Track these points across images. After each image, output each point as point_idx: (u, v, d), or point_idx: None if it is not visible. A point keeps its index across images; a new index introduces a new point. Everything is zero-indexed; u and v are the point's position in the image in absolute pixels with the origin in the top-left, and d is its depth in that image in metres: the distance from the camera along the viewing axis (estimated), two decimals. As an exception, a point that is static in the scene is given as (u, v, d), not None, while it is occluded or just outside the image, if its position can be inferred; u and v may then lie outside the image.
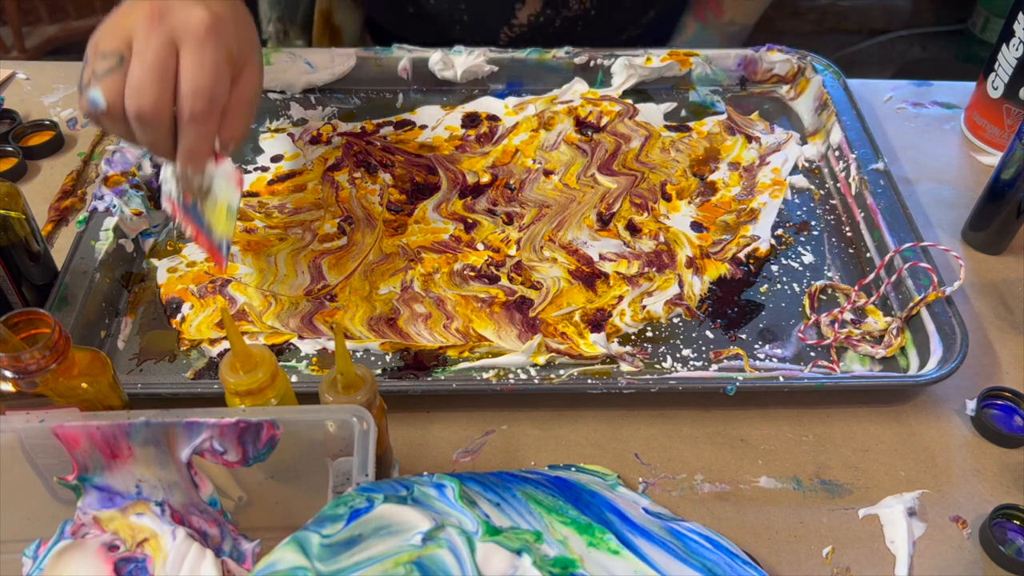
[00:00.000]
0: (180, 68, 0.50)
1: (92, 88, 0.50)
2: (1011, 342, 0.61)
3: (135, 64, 0.49)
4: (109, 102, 0.50)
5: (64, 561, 0.42)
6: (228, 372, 0.43)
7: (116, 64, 0.50)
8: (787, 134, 0.77)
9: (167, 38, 0.50)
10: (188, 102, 0.50)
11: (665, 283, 0.63)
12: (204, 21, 0.50)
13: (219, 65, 0.51)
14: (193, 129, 0.51)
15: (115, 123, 0.51)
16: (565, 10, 0.84)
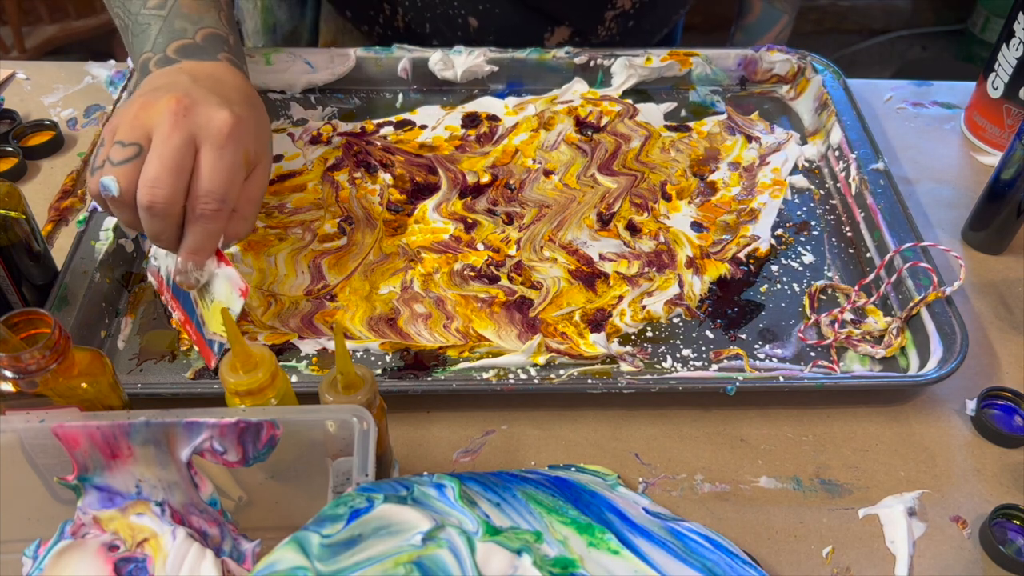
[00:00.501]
0: (197, 166, 0.51)
1: (107, 174, 0.50)
2: (1011, 342, 0.61)
3: (153, 157, 0.50)
4: (123, 189, 0.50)
5: (64, 561, 0.42)
6: (228, 372, 0.43)
7: (134, 155, 0.50)
8: (787, 134, 0.77)
9: (188, 135, 0.50)
10: (201, 201, 0.50)
11: (665, 283, 0.63)
12: (227, 123, 0.51)
13: (235, 168, 0.52)
14: (201, 227, 0.51)
15: (123, 210, 0.51)
16: (594, 37, 0.85)
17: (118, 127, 0.51)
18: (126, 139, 0.51)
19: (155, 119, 0.51)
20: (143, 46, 0.59)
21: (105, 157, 0.51)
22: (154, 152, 0.50)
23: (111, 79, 0.81)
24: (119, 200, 0.51)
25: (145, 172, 0.50)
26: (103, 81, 0.82)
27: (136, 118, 0.51)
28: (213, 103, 0.52)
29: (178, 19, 0.59)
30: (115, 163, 0.50)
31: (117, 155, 0.50)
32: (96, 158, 0.52)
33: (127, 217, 0.52)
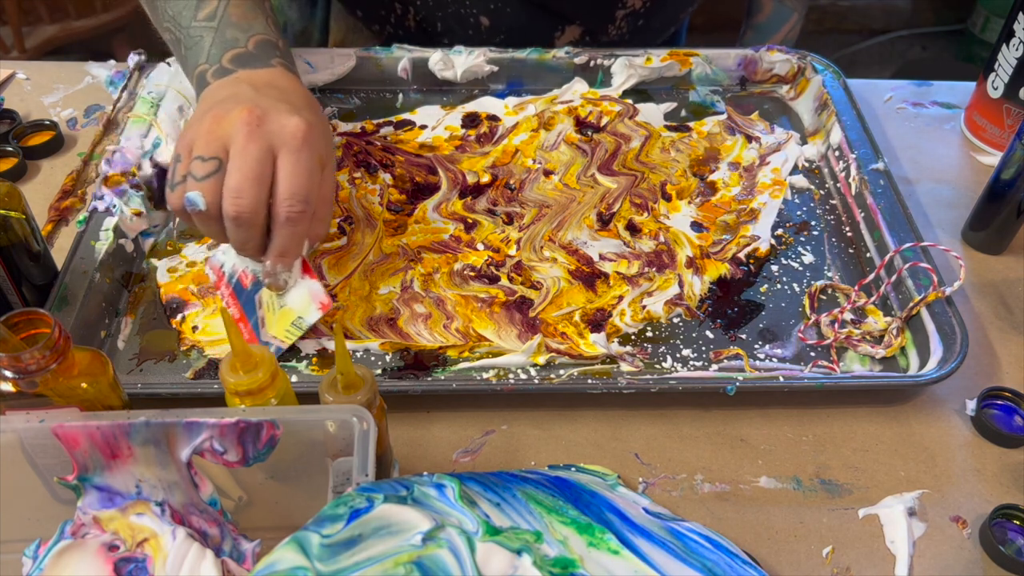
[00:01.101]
0: (277, 173, 0.52)
1: (191, 189, 0.52)
2: (1011, 342, 0.61)
3: (234, 169, 0.51)
4: (208, 203, 0.52)
5: (64, 561, 0.42)
6: (228, 372, 0.43)
7: (215, 169, 0.52)
8: (787, 134, 0.77)
9: (266, 144, 0.52)
10: (285, 205, 0.52)
11: (665, 283, 0.63)
12: (300, 128, 0.53)
13: (313, 170, 0.53)
14: (288, 230, 0.53)
15: (208, 222, 0.53)
16: (604, 36, 0.85)
17: (194, 142, 0.53)
18: (205, 153, 0.52)
19: (230, 131, 0.52)
20: (198, 58, 0.61)
21: (184, 172, 0.53)
22: (234, 164, 0.52)
23: (111, 79, 0.81)
24: (205, 214, 0.52)
25: (228, 184, 0.51)
26: (103, 81, 0.82)
27: (211, 132, 0.52)
28: (283, 111, 0.53)
29: (229, 29, 0.60)
30: (198, 178, 0.52)
31: (199, 170, 0.52)
32: (174, 174, 0.54)
33: (213, 229, 0.54)
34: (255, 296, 0.58)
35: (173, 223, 0.67)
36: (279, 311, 0.57)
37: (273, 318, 0.57)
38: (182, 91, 0.75)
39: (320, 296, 0.56)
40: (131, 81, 0.79)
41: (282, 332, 0.57)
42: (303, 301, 0.56)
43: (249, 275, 0.58)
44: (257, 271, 0.58)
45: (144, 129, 0.71)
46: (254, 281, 0.58)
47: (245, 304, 0.59)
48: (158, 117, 0.72)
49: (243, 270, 0.59)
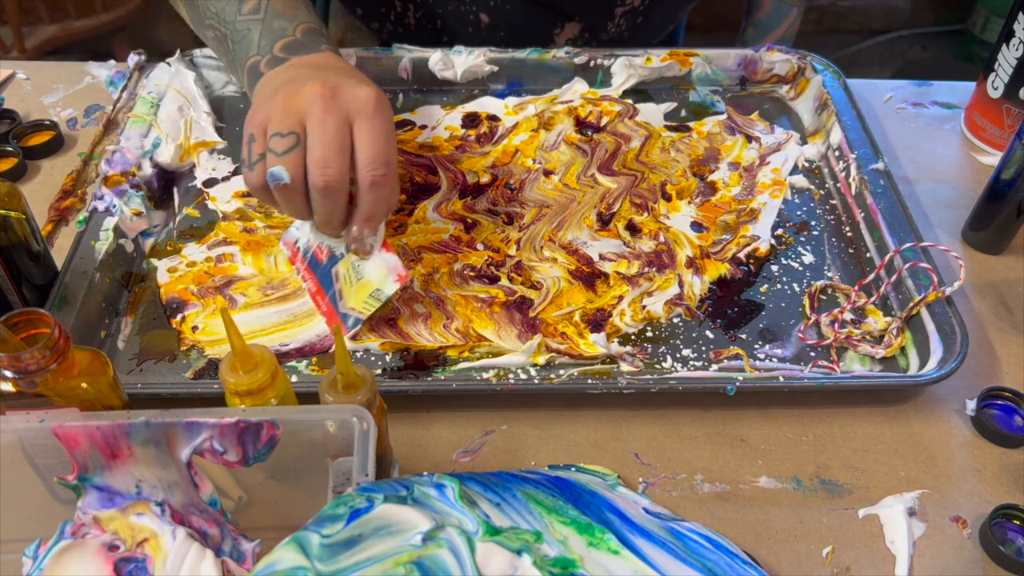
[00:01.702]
0: (356, 141, 0.53)
1: (273, 165, 0.53)
2: (1011, 342, 0.61)
3: (315, 141, 0.52)
4: (293, 176, 0.53)
5: (64, 561, 0.42)
6: (228, 372, 0.43)
7: (294, 143, 0.53)
8: (787, 134, 0.77)
9: (342, 114, 0.53)
10: (369, 169, 0.53)
11: (665, 283, 0.63)
12: (372, 97, 0.54)
13: (389, 135, 0.54)
14: (373, 194, 0.54)
15: (292, 196, 0.54)
16: (603, 34, 0.86)
17: (268, 119, 0.54)
18: (283, 129, 0.53)
19: (305, 106, 0.53)
20: (248, 51, 0.62)
21: (261, 150, 0.54)
22: (314, 136, 0.52)
23: (111, 79, 0.81)
24: (290, 187, 0.53)
25: (313, 156, 0.52)
26: (103, 81, 0.82)
27: (286, 109, 0.53)
28: (352, 83, 0.55)
29: (276, 20, 0.62)
30: (279, 153, 0.53)
31: (278, 145, 0.53)
32: (250, 154, 0.54)
33: (296, 203, 0.54)
34: (331, 270, 0.60)
35: (173, 223, 0.67)
36: (356, 284, 0.58)
37: (351, 291, 0.59)
38: (182, 91, 0.76)
39: (397, 268, 0.57)
40: (131, 81, 0.79)
41: (360, 304, 0.58)
42: (380, 274, 0.58)
43: (324, 249, 0.60)
44: (333, 245, 0.59)
45: (144, 129, 0.71)
46: (329, 255, 0.60)
47: (322, 278, 0.60)
48: (158, 117, 0.72)
49: (318, 245, 0.60)
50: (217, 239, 0.65)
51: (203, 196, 0.69)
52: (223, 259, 0.64)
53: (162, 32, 2.09)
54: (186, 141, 0.73)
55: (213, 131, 0.75)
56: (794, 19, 0.94)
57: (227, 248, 0.65)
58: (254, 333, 0.59)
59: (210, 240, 0.65)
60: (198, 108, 0.75)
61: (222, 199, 0.69)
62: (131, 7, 1.80)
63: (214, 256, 0.64)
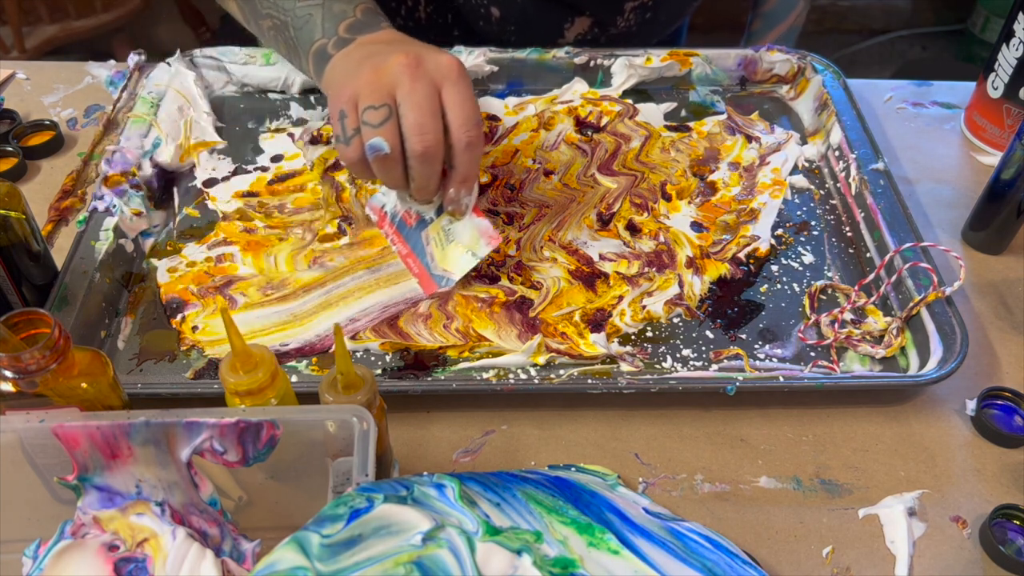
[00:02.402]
0: (446, 105, 0.55)
1: (370, 137, 0.55)
2: (1011, 342, 0.61)
3: (409, 109, 0.54)
4: (392, 146, 0.54)
5: (64, 561, 0.42)
6: (228, 372, 0.43)
7: (388, 114, 0.54)
8: (787, 134, 0.77)
9: (429, 81, 0.55)
10: (463, 131, 0.55)
11: (665, 283, 0.63)
12: (455, 62, 0.56)
13: (474, 98, 0.56)
14: (468, 154, 0.56)
15: (391, 166, 0.56)
16: (612, 28, 0.86)
17: (358, 94, 0.55)
18: (375, 102, 0.55)
19: (393, 78, 0.55)
20: (312, 35, 0.63)
21: (356, 125, 0.56)
22: (407, 105, 0.54)
23: (111, 79, 0.81)
24: (389, 157, 0.55)
25: (408, 124, 0.54)
26: (103, 81, 0.82)
27: (374, 82, 0.55)
28: (432, 51, 0.56)
29: (335, 3, 0.63)
30: (375, 125, 0.54)
31: (373, 118, 0.55)
32: (344, 129, 0.56)
33: (394, 173, 0.56)
34: (421, 234, 0.62)
35: (173, 223, 0.67)
36: (448, 247, 0.61)
37: (443, 253, 0.61)
38: (182, 91, 0.76)
39: (489, 232, 0.60)
40: (131, 81, 0.79)
41: (452, 266, 0.61)
42: (472, 237, 0.60)
43: (413, 215, 0.63)
44: (422, 211, 0.62)
45: (144, 129, 0.71)
46: (418, 220, 0.62)
47: (412, 242, 0.63)
48: (158, 117, 0.72)
49: (406, 210, 0.63)
50: (217, 239, 0.65)
51: (203, 196, 0.70)
52: (223, 259, 0.64)
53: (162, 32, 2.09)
54: (186, 141, 0.73)
55: (213, 131, 0.75)
56: (801, 10, 0.95)
57: (227, 248, 0.65)
58: (254, 333, 0.59)
59: (210, 240, 0.65)
60: (198, 108, 0.75)
61: (222, 199, 0.69)
62: (131, 7, 1.80)
63: (214, 256, 0.64)
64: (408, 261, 0.63)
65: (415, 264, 0.62)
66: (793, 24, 0.95)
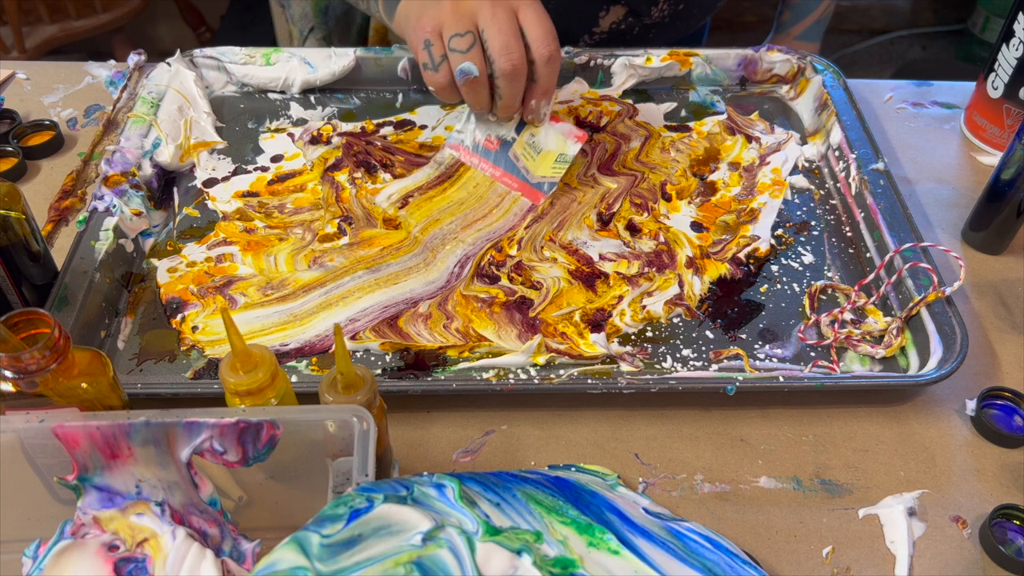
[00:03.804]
0: (524, 26, 0.61)
1: (460, 63, 0.60)
2: (1011, 342, 0.61)
3: (494, 33, 0.60)
4: (480, 70, 0.60)
5: (64, 561, 0.42)
6: (228, 372, 0.43)
7: (473, 40, 0.60)
8: (787, 134, 0.77)
9: (507, 5, 0.61)
10: (543, 46, 0.61)
11: (665, 283, 0.63)
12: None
13: (548, 15, 0.62)
14: (549, 67, 0.63)
15: (479, 88, 0.62)
16: (647, 18, 0.87)
17: (441, 24, 0.61)
18: (460, 30, 0.60)
19: (473, 6, 0.60)
20: None
21: (442, 52, 0.61)
22: (490, 29, 0.60)
23: (111, 79, 0.81)
24: (478, 80, 0.61)
25: (495, 46, 0.60)
26: (103, 81, 0.82)
27: (457, 11, 0.61)
28: None
29: None
30: (463, 51, 0.60)
31: (460, 44, 0.60)
32: (431, 57, 0.62)
33: (481, 94, 0.62)
34: (508, 154, 0.68)
35: (173, 223, 0.67)
36: (538, 157, 0.67)
37: (534, 163, 0.67)
38: (182, 91, 0.76)
39: (574, 132, 0.66)
40: (131, 81, 0.79)
41: (549, 171, 0.67)
42: (558, 141, 0.67)
43: (493, 140, 0.68)
44: (500, 134, 0.68)
45: (144, 129, 0.71)
46: (500, 143, 0.68)
47: (503, 164, 0.68)
48: (158, 117, 0.72)
49: (486, 138, 0.68)
50: (217, 239, 0.66)
51: (203, 196, 0.70)
52: (223, 259, 0.64)
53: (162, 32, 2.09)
54: (186, 141, 0.73)
55: (213, 131, 0.75)
56: (829, 3, 0.96)
57: (227, 248, 0.65)
58: (254, 333, 0.59)
59: (210, 240, 0.65)
60: (198, 108, 0.75)
61: (222, 199, 0.69)
62: (131, 7, 1.80)
63: (214, 256, 0.64)
64: (505, 180, 0.68)
65: (512, 181, 0.68)
66: (821, 16, 0.95)
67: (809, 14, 0.95)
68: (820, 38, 0.99)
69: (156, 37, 2.09)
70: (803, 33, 0.97)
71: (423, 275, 0.63)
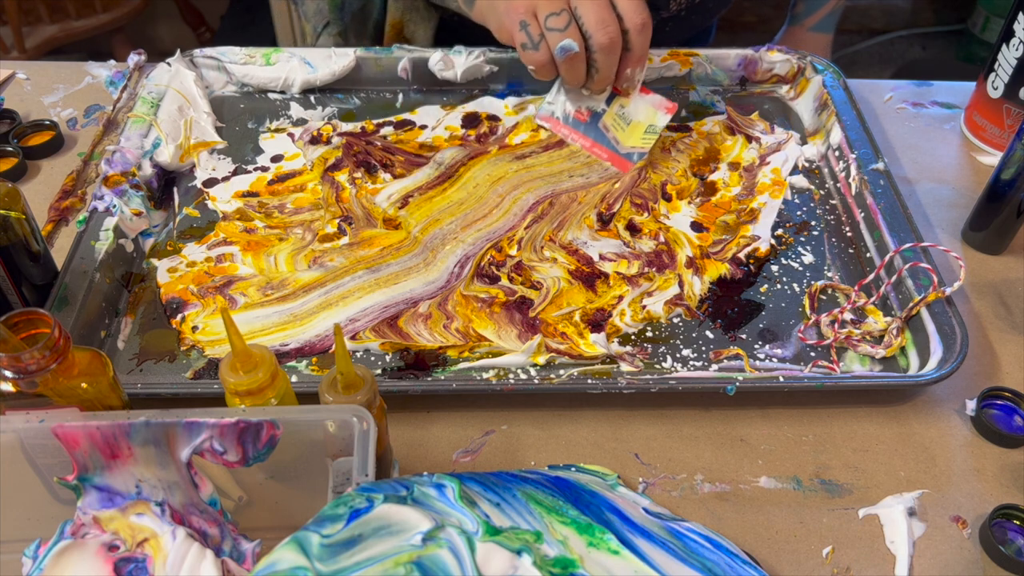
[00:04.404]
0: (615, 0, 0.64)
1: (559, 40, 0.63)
2: (1011, 342, 0.61)
3: (588, 9, 0.63)
4: (579, 46, 0.63)
5: (64, 561, 0.42)
6: (228, 372, 0.43)
7: (569, 18, 0.63)
8: (787, 134, 0.77)
9: None
10: (636, 16, 0.64)
11: (665, 283, 0.63)
12: None
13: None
14: (641, 36, 0.65)
15: (577, 64, 0.65)
16: (664, 11, 0.87)
17: (536, 6, 0.64)
18: (555, 9, 0.63)
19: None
20: None
21: (539, 31, 0.64)
22: (584, 5, 0.63)
23: (111, 79, 0.81)
24: (577, 55, 0.64)
25: (591, 21, 0.63)
26: (103, 81, 0.82)
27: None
28: None
29: None
30: (562, 29, 0.63)
31: (557, 23, 0.63)
32: (530, 36, 0.65)
33: (579, 69, 0.65)
34: (598, 125, 0.71)
35: (173, 223, 0.67)
36: (627, 128, 0.70)
37: (625, 134, 0.70)
38: (182, 91, 0.76)
39: (664, 103, 0.70)
40: (131, 81, 0.79)
41: (639, 141, 0.70)
42: (647, 112, 0.70)
43: (584, 111, 0.71)
44: (591, 105, 0.71)
45: (144, 129, 0.71)
46: (591, 114, 0.71)
47: (594, 135, 0.71)
48: (158, 117, 0.72)
49: (576, 109, 0.71)
50: (217, 239, 0.66)
51: (203, 196, 0.70)
52: (223, 259, 0.64)
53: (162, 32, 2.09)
54: (186, 141, 0.73)
55: (213, 131, 0.75)
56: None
57: (227, 248, 0.65)
58: (254, 333, 0.59)
59: (210, 240, 0.65)
60: (198, 108, 0.75)
61: (222, 199, 0.69)
62: (131, 7, 1.80)
63: (214, 256, 0.64)
64: (595, 151, 0.71)
65: (602, 151, 0.71)
66: (835, 7, 0.96)
67: (823, 5, 0.96)
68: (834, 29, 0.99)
69: (156, 37, 2.09)
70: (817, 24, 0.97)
71: (423, 275, 0.63)
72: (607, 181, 0.71)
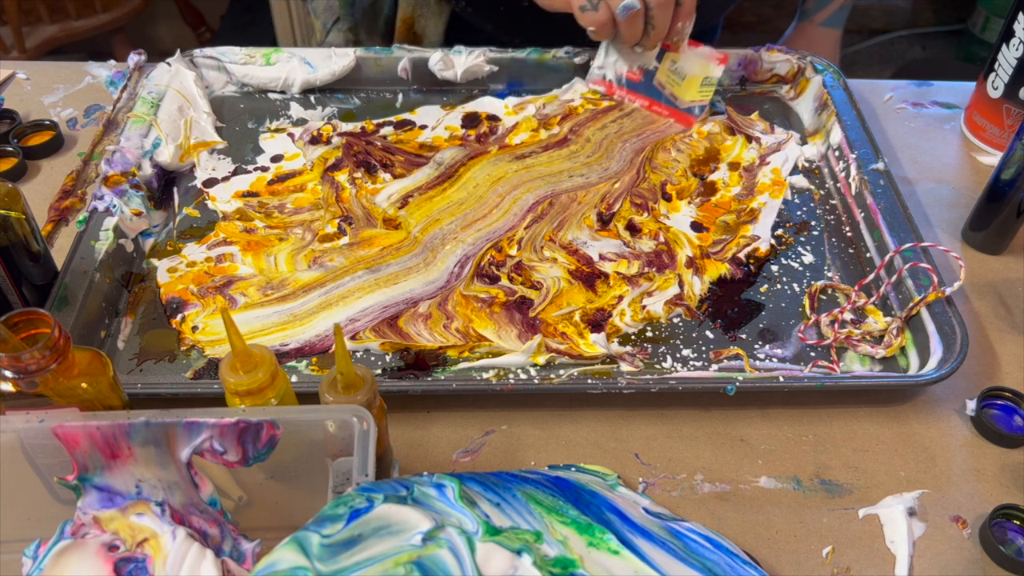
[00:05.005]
0: None
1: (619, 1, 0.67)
2: (1011, 342, 0.61)
3: None
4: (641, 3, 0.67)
5: (64, 561, 0.42)
6: (228, 372, 0.43)
7: None
8: (787, 134, 0.77)
9: None
10: None
11: (665, 283, 0.63)
12: None
13: None
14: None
15: (636, 21, 0.69)
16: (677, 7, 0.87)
17: None
18: None
19: None
20: None
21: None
22: None
23: (111, 79, 0.81)
24: (637, 12, 0.68)
25: None
26: (103, 81, 0.82)
27: None
28: None
29: None
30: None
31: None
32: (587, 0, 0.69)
33: (637, 26, 0.69)
34: (652, 83, 0.74)
35: (173, 223, 0.67)
36: (683, 83, 0.72)
37: (682, 90, 0.73)
38: (182, 91, 0.76)
39: (715, 55, 0.72)
40: (131, 81, 0.79)
41: (697, 94, 0.73)
42: (700, 65, 0.72)
43: (636, 71, 0.73)
44: (642, 63, 0.73)
45: (144, 129, 0.71)
46: (643, 73, 0.74)
47: (649, 93, 0.74)
48: (158, 117, 0.72)
49: (628, 70, 0.74)
50: (217, 239, 0.66)
51: (203, 196, 0.70)
52: (223, 259, 0.64)
53: (162, 32, 2.09)
54: (186, 141, 0.73)
55: (213, 131, 0.75)
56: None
57: (227, 248, 0.65)
58: (254, 333, 0.59)
59: (210, 240, 0.65)
60: (198, 108, 0.75)
61: (222, 199, 0.69)
62: (131, 7, 1.80)
63: (214, 256, 0.64)
64: (654, 109, 0.74)
65: (663, 109, 0.73)
66: (844, 3, 0.96)
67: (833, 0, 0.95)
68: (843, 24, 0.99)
69: (156, 37, 2.09)
70: (827, 20, 0.97)
71: (423, 275, 0.63)
72: (607, 181, 0.71)
